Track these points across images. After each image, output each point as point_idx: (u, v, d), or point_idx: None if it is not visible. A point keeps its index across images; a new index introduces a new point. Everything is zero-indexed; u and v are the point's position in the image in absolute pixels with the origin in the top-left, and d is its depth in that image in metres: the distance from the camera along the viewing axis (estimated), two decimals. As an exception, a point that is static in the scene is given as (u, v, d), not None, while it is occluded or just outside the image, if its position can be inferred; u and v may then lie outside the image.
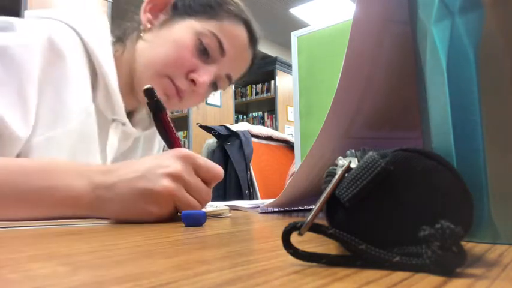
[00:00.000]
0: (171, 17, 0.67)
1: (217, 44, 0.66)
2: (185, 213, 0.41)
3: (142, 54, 0.67)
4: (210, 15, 0.66)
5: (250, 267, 0.19)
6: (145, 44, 0.67)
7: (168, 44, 0.65)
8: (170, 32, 0.66)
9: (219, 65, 0.68)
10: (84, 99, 0.62)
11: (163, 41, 0.65)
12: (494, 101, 0.26)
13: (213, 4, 0.67)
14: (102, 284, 0.16)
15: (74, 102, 0.60)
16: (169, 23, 0.67)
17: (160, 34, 0.66)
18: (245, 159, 1.44)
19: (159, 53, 0.65)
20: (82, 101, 0.61)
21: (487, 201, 0.26)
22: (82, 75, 0.62)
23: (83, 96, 0.62)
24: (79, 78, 0.61)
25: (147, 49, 0.66)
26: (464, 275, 0.17)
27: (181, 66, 0.65)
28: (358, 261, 0.19)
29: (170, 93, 0.66)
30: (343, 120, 0.39)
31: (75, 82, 0.60)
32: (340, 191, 0.21)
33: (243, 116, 6.08)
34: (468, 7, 0.27)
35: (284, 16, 4.92)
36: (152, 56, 0.65)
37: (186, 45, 0.64)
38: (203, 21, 0.66)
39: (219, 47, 0.66)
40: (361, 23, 0.34)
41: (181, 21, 0.66)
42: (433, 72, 0.29)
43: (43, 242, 0.29)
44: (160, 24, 0.67)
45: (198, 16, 0.66)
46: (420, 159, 0.21)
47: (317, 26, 0.76)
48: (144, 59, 0.66)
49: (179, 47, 0.64)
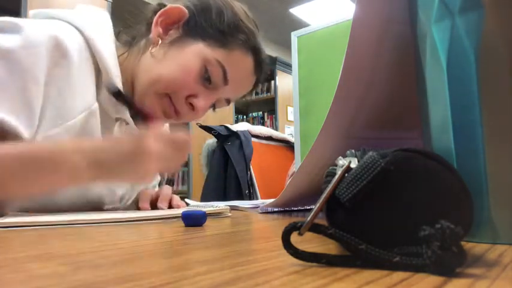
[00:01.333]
0: (182, 36, 0.67)
1: (222, 73, 0.66)
2: (185, 213, 0.41)
3: (147, 69, 0.67)
4: (220, 43, 0.66)
5: (250, 267, 0.19)
6: (152, 58, 0.67)
7: (175, 66, 0.65)
8: (179, 54, 0.66)
9: (220, 91, 0.69)
10: (87, 98, 0.62)
11: (171, 61, 0.65)
12: (494, 101, 0.26)
13: (226, 31, 0.66)
14: (102, 284, 0.16)
15: (77, 101, 0.60)
16: (179, 42, 0.66)
17: (169, 53, 0.66)
18: (245, 159, 1.44)
19: (165, 73, 0.65)
20: (85, 100, 0.62)
21: (487, 201, 0.26)
22: (86, 74, 0.62)
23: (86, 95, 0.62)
24: (83, 78, 0.61)
25: (153, 65, 0.66)
26: (464, 275, 0.17)
27: (183, 90, 0.66)
28: (358, 261, 0.19)
29: (168, 112, 0.69)
30: (343, 120, 0.39)
31: (78, 81, 0.60)
32: (340, 191, 0.21)
33: (243, 116, 6.07)
34: (468, 7, 0.27)
35: (284, 16, 4.92)
36: (157, 74, 0.65)
37: (192, 71, 0.65)
38: (212, 48, 0.66)
39: (223, 76, 0.66)
40: (361, 23, 0.34)
41: (192, 44, 0.66)
42: (433, 72, 0.29)
43: (43, 242, 0.29)
44: (170, 41, 0.67)
45: (209, 40, 0.66)
46: (420, 159, 0.21)
47: (317, 26, 0.76)
48: (149, 74, 0.66)
49: (185, 72, 0.65)
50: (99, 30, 0.65)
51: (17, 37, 0.54)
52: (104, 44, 0.64)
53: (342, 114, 0.39)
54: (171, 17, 0.67)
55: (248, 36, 0.68)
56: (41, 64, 0.55)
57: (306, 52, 0.77)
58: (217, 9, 0.68)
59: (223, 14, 0.67)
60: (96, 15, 0.69)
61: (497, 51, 0.26)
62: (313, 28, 0.76)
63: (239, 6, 0.71)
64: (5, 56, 0.52)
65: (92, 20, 0.67)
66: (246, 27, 0.68)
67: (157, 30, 0.67)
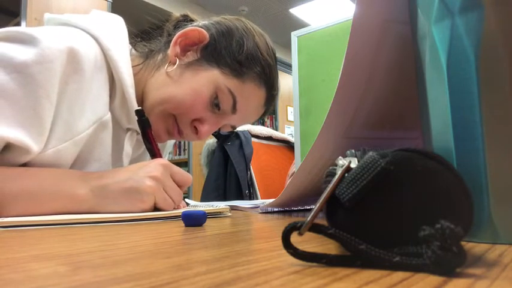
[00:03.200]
0: (199, 59, 0.67)
1: (232, 102, 0.66)
2: (185, 213, 0.41)
3: (160, 87, 0.67)
4: (235, 72, 0.66)
5: (250, 267, 0.19)
6: (167, 77, 0.67)
7: (188, 89, 0.65)
8: (193, 77, 0.66)
9: (227, 118, 0.69)
10: (99, 109, 0.62)
11: (185, 84, 0.65)
12: (494, 101, 0.26)
13: (243, 62, 0.66)
14: (102, 284, 0.16)
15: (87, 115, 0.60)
16: (195, 66, 0.66)
17: (184, 75, 0.66)
18: (245, 159, 1.44)
19: (176, 95, 0.65)
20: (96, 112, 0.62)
21: (487, 201, 0.26)
22: (100, 84, 0.62)
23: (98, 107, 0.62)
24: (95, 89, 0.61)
25: (167, 84, 0.66)
26: (464, 275, 0.17)
27: (190, 114, 0.66)
28: (358, 261, 0.19)
29: (171, 131, 0.69)
30: (343, 120, 0.39)
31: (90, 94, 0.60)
32: (340, 191, 0.21)
33: (243, 116, 6.08)
34: (468, 7, 0.27)
35: (284, 16, 4.92)
36: (169, 95, 0.66)
37: (203, 96, 0.65)
38: (227, 76, 0.65)
39: (232, 105, 0.67)
40: (361, 23, 0.34)
41: (207, 69, 0.66)
42: (433, 72, 0.29)
43: (43, 242, 0.29)
44: (187, 63, 0.67)
45: (224, 69, 0.66)
46: (420, 159, 0.21)
47: (317, 26, 0.76)
48: (161, 92, 0.66)
49: (195, 96, 0.65)
50: (115, 39, 0.65)
51: (33, 51, 0.53)
52: (119, 53, 0.64)
53: (342, 114, 0.39)
54: (191, 38, 0.67)
55: (264, 70, 0.68)
56: (54, 81, 0.55)
57: (306, 52, 0.77)
58: (239, 39, 0.67)
59: (244, 44, 0.67)
60: (112, 23, 0.69)
61: (497, 51, 0.26)
62: (313, 28, 0.76)
63: (261, 36, 0.71)
64: (20, 70, 0.52)
65: (108, 27, 0.66)
66: (264, 59, 0.68)
67: (175, 50, 0.67)
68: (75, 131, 0.59)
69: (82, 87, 0.59)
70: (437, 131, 0.29)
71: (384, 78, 0.39)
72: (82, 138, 0.60)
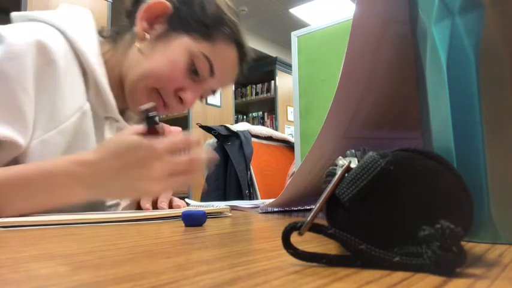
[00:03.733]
0: (167, 30, 0.68)
1: (208, 66, 0.68)
2: (185, 213, 0.41)
3: (136, 65, 0.68)
4: (204, 35, 0.67)
5: (250, 267, 0.19)
6: (140, 54, 0.68)
7: (163, 61, 0.66)
8: (166, 49, 0.67)
9: (206, 83, 0.70)
10: (78, 99, 0.63)
11: (159, 56, 0.67)
12: (494, 101, 0.26)
13: (209, 24, 0.67)
14: (102, 284, 0.16)
15: (67, 103, 0.61)
16: (165, 37, 0.68)
17: (156, 48, 0.67)
18: (245, 159, 1.44)
19: (153, 68, 0.66)
20: (76, 101, 0.63)
21: (487, 201, 0.26)
22: (73, 76, 0.63)
23: (76, 97, 0.63)
24: (71, 80, 0.62)
25: (142, 60, 0.67)
26: (464, 275, 0.17)
27: (171, 84, 0.67)
28: (358, 261, 0.19)
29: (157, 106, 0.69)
30: (343, 120, 0.39)
31: (67, 85, 0.61)
32: (340, 191, 0.21)
33: (243, 116, 6.07)
34: (468, 7, 0.27)
35: (284, 16, 4.92)
36: (146, 70, 0.67)
37: (180, 65, 0.66)
38: (197, 41, 0.67)
39: (209, 69, 0.68)
40: (361, 23, 0.34)
41: (177, 38, 0.67)
42: (433, 72, 0.29)
43: (43, 242, 0.29)
44: (156, 36, 0.68)
45: (193, 34, 0.67)
46: (420, 159, 0.21)
47: (317, 26, 0.76)
48: (138, 69, 0.67)
49: (173, 66, 0.66)
50: (82, 31, 0.66)
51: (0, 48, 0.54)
52: (87, 44, 0.65)
53: (342, 114, 0.39)
54: (154, 11, 0.68)
55: (231, 29, 0.69)
56: (28, 74, 0.55)
57: (306, 52, 0.77)
58: (199, 2, 0.69)
59: (206, 7, 0.68)
60: (78, 15, 0.70)
61: (497, 51, 0.26)
62: (313, 28, 0.76)
63: None
64: None
65: (74, 20, 0.67)
66: (229, 19, 0.70)
67: (142, 25, 0.68)
68: (58, 120, 0.59)
69: (58, 78, 0.59)
70: (437, 131, 0.29)
71: (383, 78, 0.39)
72: (67, 127, 0.60)
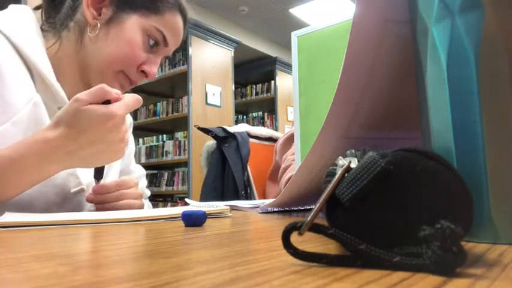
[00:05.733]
0: (115, 13, 0.70)
1: (162, 38, 0.73)
2: (185, 213, 0.41)
3: (96, 54, 0.71)
4: (151, 10, 0.71)
5: (250, 267, 0.19)
6: (96, 42, 0.70)
7: (122, 44, 0.70)
8: (120, 31, 0.70)
9: (162, 52, 0.76)
10: (27, 91, 0.64)
11: (116, 40, 0.70)
12: (494, 101, 0.26)
13: None
14: (102, 284, 0.16)
15: (16, 96, 0.62)
16: (115, 20, 0.70)
17: (110, 32, 0.70)
18: (242, 160, 1.44)
19: (115, 53, 0.70)
20: (25, 94, 0.63)
21: (487, 201, 0.26)
22: (20, 75, 0.64)
23: (25, 90, 0.64)
24: (17, 78, 0.63)
25: (100, 47, 0.70)
26: (464, 275, 0.17)
27: (134, 63, 0.72)
28: (358, 261, 0.19)
29: (125, 85, 0.75)
30: (343, 120, 0.39)
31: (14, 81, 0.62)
32: (340, 191, 0.21)
33: (243, 116, 6.08)
34: (468, 7, 0.27)
35: (284, 16, 4.92)
36: (109, 56, 0.70)
37: (137, 43, 0.71)
38: (146, 16, 0.71)
39: (163, 40, 0.73)
40: (361, 23, 0.34)
41: (127, 19, 0.70)
42: (433, 72, 0.29)
43: (43, 242, 0.29)
44: (106, 21, 0.70)
45: (141, 11, 0.71)
46: (420, 159, 0.21)
47: (317, 26, 0.76)
48: (100, 57, 0.70)
49: (132, 47, 0.70)
50: (25, 32, 0.68)
51: None
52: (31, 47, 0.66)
53: (342, 114, 0.39)
54: None
55: None
56: None
57: (306, 52, 0.77)
58: None
59: None
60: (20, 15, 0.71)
61: (497, 51, 0.26)
62: (313, 28, 0.76)
63: None
64: None
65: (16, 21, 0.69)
66: None
67: (90, 13, 0.70)
68: (10, 111, 0.60)
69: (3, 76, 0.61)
70: (437, 131, 0.29)
71: (383, 78, 0.39)
72: (21, 118, 0.61)
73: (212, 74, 4.10)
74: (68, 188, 0.67)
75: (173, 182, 4.16)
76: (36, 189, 0.59)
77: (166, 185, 4.21)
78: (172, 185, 4.16)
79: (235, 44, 4.36)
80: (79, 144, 0.54)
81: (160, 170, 4.38)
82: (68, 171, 0.65)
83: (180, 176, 4.13)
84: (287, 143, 1.29)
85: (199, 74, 3.96)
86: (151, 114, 4.43)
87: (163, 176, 4.28)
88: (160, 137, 4.69)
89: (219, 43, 4.21)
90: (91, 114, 0.53)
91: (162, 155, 4.23)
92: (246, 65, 5.51)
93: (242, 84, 5.76)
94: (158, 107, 4.36)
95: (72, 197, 0.67)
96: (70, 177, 0.67)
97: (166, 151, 4.21)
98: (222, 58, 4.25)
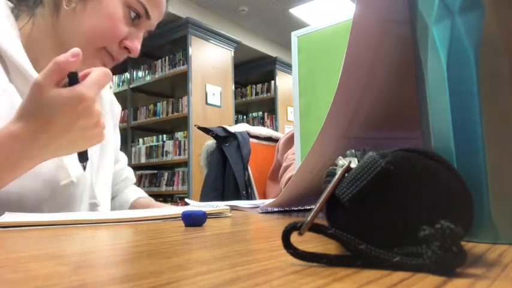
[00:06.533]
0: None
1: (144, 10, 0.69)
2: (185, 213, 0.41)
3: (75, 29, 0.66)
4: None
5: (250, 267, 0.19)
6: (72, 16, 0.66)
7: (102, 18, 0.66)
8: (99, 3, 0.66)
9: (145, 25, 0.72)
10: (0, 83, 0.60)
11: (95, 13, 0.66)
12: (494, 101, 0.26)
13: None
14: (102, 284, 0.16)
15: None
16: None
17: (88, 6, 0.66)
18: (242, 160, 1.44)
19: (96, 28, 0.66)
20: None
21: (487, 201, 0.26)
22: None
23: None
24: None
25: (79, 23, 0.66)
26: (464, 275, 0.17)
27: (116, 38, 0.68)
28: (358, 261, 0.19)
29: (108, 62, 0.70)
30: (343, 120, 0.39)
31: None
32: (340, 191, 0.21)
33: (243, 116, 6.08)
34: (468, 7, 0.27)
35: (284, 16, 4.92)
36: (89, 31, 0.66)
37: (118, 17, 0.67)
38: None
39: (145, 12, 0.70)
40: (361, 23, 0.34)
41: None
42: (433, 72, 0.29)
43: (43, 242, 0.29)
44: None
45: None
46: (420, 159, 0.21)
47: (317, 26, 0.76)
48: (79, 33, 0.66)
49: (113, 20, 0.66)
50: None
51: None
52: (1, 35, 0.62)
53: (342, 114, 0.39)
54: None
55: None
56: None
57: (306, 52, 0.77)
58: None
59: None
60: None
61: (497, 51, 0.26)
62: (313, 28, 0.76)
63: None
64: None
65: None
66: None
67: None
68: None
69: None
70: (437, 131, 0.29)
71: (383, 78, 0.39)
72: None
73: (212, 74, 4.10)
74: (57, 181, 0.64)
75: (173, 182, 4.17)
76: (25, 186, 0.57)
77: (166, 185, 4.22)
78: (172, 185, 4.16)
79: (235, 44, 4.36)
80: (50, 135, 0.49)
81: (160, 170, 4.38)
82: (56, 163, 0.62)
83: (180, 176, 4.13)
84: (289, 142, 1.30)
85: (199, 74, 3.96)
86: (151, 114, 4.43)
87: (163, 176, 4.28)
88: (160, 137, 4.69)
89: (219, 43, 4.21)
90: (56, 100, 0.48)
91: (162, 155, 4.23)
92: (246, 65, 5.51)
93: (242, 84, 5.76)
94: (158, 107, 4.36)
95: (62, 190, 0.65)
96: (59, 170, 0.64)
97: (166, 151, 4.21)
98: (222, 58, 4.25)
